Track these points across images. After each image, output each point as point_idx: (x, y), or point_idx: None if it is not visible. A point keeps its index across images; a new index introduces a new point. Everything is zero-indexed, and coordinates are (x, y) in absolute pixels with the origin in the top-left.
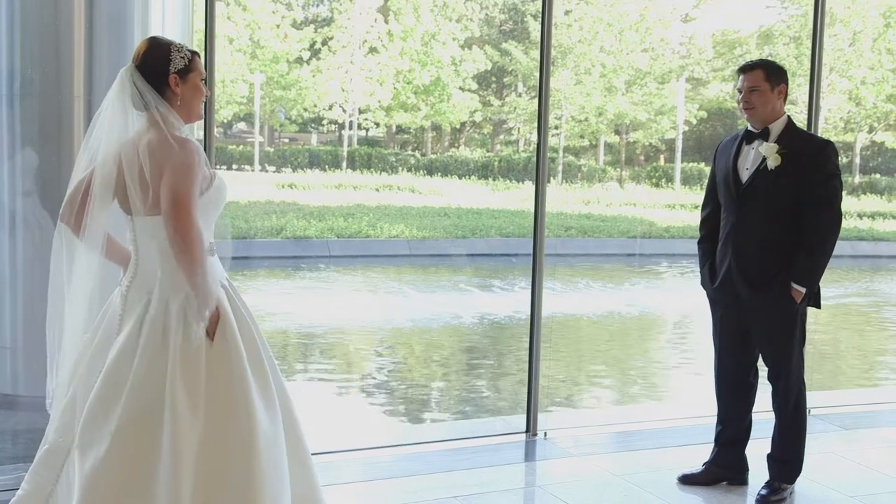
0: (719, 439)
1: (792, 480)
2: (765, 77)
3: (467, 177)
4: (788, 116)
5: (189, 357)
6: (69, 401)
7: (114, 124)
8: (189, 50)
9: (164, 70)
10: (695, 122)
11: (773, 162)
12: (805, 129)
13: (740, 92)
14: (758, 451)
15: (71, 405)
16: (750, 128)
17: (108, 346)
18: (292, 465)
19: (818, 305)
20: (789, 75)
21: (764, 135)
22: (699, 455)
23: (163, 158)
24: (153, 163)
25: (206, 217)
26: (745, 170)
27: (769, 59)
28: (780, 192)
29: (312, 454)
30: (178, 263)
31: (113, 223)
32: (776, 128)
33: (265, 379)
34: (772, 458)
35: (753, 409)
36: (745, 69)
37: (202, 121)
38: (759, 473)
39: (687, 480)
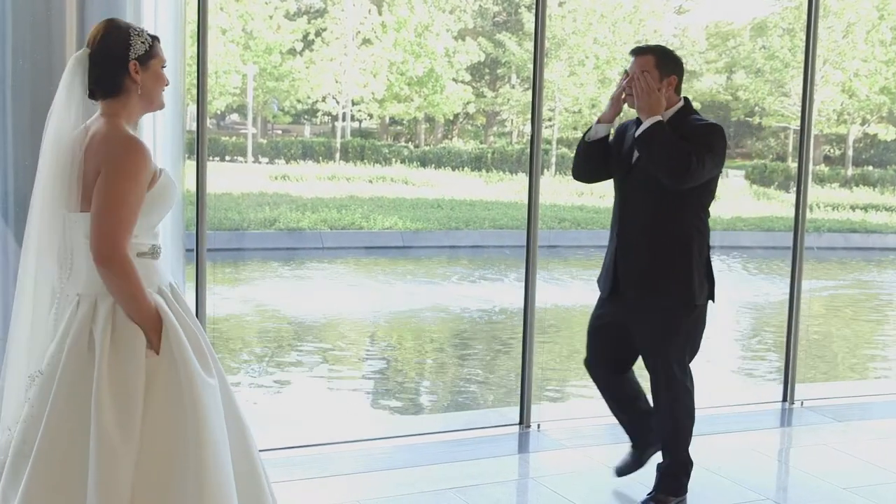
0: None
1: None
2: (655, 63)
3: (461, 168)
4: (686, 100)
5: (121, 368)
6: (13, 416)
7: (64, 116)
8: (150, 35)
9: (123, 56)
10: None
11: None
12: (799, 121)
13: (628, 75)
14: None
15: (14, 419)
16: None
17: (42, 350)
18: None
19: (711, 298)
20: (782, 66)
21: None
22: (694, 446)
23: (103, 156)
24: (92, 158)
25: (148, 218)
26: (634, 155)
27: (664, 46)
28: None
29: (306, 446)
30: (110, 293)
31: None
32: (666, 116)
33: (213, 380)
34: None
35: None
36: (637, 52)
37: (195, 112)
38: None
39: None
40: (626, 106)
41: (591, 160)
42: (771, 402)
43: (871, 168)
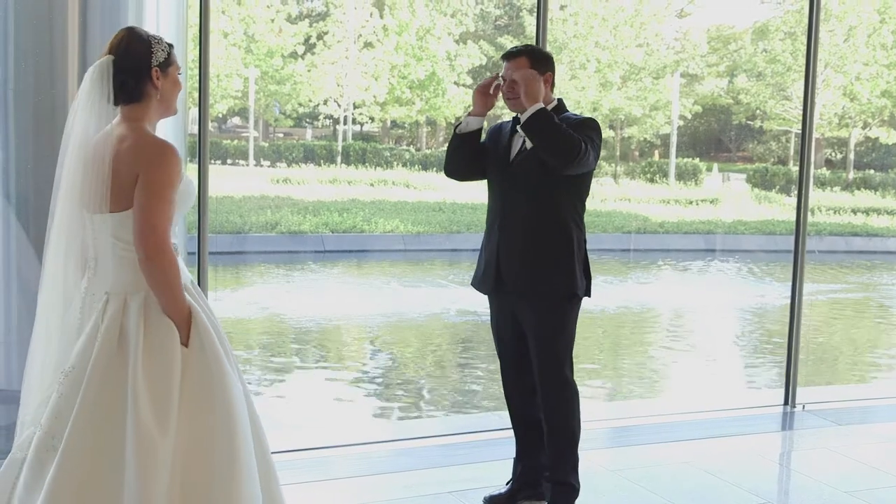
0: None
1: None
2: (529, 65)
3: None
4: (560, 100)
5: (156, 362)
6: (33, 414)
7: (88, 120)
8: (167, 42)
9: (146, 63)
10: (689, 117)
11: (530, 142)
12: (800, 124)
13: (504, 80)
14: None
15: (33, 419)
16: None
17: (67, 350)
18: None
19: (588, 293)
20: (784, 70)
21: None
22: (695, 450)
23: (141, 160)
24: (126, 161)
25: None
26: (513, 151)
27: (534, 45)
28: (543, 172)
29: (308, 449)
30: (150, 285)
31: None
32: None
33: (237, 375)
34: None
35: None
36: (509, 56)
37: (197, 115)
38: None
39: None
40: (497, 104)
41: (463, 154)
42: (772, 406)
43: (872, 171)
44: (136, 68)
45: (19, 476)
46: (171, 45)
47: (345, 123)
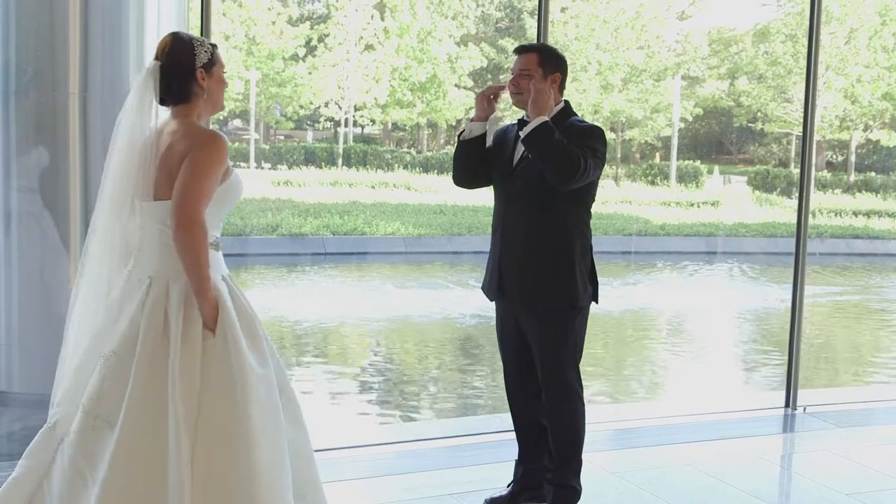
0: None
1: None
2: (538, 62)
3: None
4: (566, 103)
5: (187, 348)
6: (70, 386)
7: (137, 120)
8: (210, 43)
9: (190, 65)
10: (690, 119)
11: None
12: (801, 127)
13: (512, 74)
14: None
15: (72, 391)
16: (524, 116)
17: (106, 333)
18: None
19: (595, 299)
20: (785, 72)
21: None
22: (697, 452)
23: (187, 147)
24: (176, 148)
25: (216, 211)
26: (516, 157)
27: (549, 45)
28: (545, 179)
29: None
30: (180, 257)
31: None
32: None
33: (267, 369)
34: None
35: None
36: (520, 51)
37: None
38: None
39: None
40: (499, 108)
41: (469, 161)
42: (773, 408)
43: (873, 174)
44: (181, 72)
45: (58, 451)
46: (214, 46)
47: (346, 126)
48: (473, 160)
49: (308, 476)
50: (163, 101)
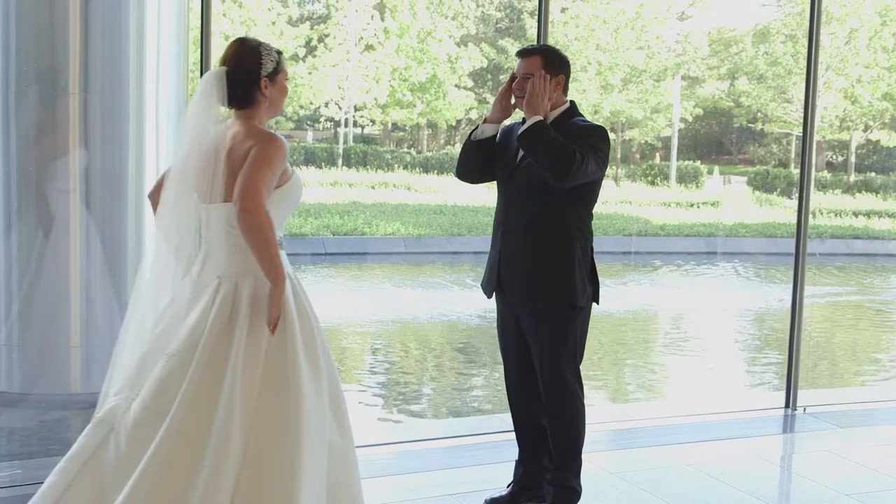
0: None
1: None
2: (542, 64)
3: None
4: (572, 103)
5: (252, 348)
6: (129, 377)
7: (200, 121)
8: (276, 51)
9: (255, 74)
10: (690, 119)
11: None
12: (801, 127)
13: (515, 77)
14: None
15: (129, 382)
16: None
17: (172, 333)
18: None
19: (595, 299)
20: (785, 72)
21: None
22: (697, 453)
23: (248, 147)
24: (238, 150)
25: (278, 212)
26: (519, 156)
27: (551, 46)
28: (545, 178)
29: None
30: (248, 242)
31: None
32: (551, 117)
33: (318, 371)
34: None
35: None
36: (523, 54)
37: None
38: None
39: None
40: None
41: (476, 160)
42: (773, 409)
43: (873, 174)
44: (246, 79)
45: (107, 440)
46: (279, 53)
47: (346, 126)
48: (481, 158)
49: (343, 479)
50: (227, 104)
